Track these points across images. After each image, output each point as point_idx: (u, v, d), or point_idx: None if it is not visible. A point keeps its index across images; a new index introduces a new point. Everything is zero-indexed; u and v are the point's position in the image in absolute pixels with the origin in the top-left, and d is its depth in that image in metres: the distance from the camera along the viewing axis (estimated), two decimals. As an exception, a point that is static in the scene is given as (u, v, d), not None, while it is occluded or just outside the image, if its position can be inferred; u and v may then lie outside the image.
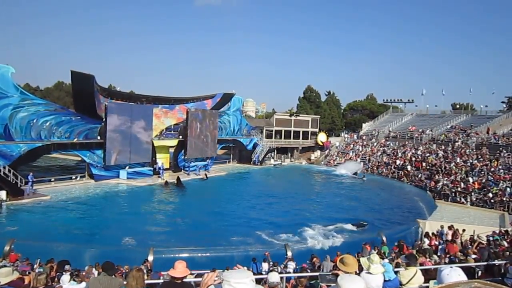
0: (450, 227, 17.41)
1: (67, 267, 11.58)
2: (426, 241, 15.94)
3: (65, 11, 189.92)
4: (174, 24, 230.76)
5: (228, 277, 2.65)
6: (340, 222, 22.80)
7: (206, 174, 38.75)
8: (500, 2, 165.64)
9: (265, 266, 13.36)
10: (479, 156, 37.66)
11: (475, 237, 14.07)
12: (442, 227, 17.74)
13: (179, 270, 4.57)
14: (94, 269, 11.45)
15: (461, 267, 3.78)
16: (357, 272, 4.58)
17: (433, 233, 17.21)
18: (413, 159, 43.54)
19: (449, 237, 16.33)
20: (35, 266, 11.48)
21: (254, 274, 6.20)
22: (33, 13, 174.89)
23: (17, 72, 26.78)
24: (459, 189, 31.43)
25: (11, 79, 26.22)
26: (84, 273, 11.30)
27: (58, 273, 10.78)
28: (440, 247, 14.42)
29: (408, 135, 51.21)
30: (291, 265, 13.09)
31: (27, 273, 9.70)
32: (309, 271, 11.27)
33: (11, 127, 26.20)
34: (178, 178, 33.85)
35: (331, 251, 14.90)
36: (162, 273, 10.73)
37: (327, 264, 12.14)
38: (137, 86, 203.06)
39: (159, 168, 35.40)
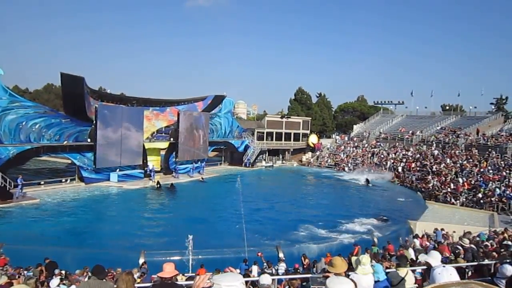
0: (442, 229, 17.56)
1: (56, 271, 11.47)
2: (417, 241, 16.04)
3: (54, 13, 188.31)
4: (164, 26, 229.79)
5: (219, 280, 2.65)
6: (335, 223, 22.94)
7: (202, 178, 38.60)
8: (489, 3, 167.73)
9: (255, 269, 13.32)
10: (469, 157, 38.05)
11: (464, 237, 14.17)
12: (436, 229, 17.87)
13: (167, 271, 4.60)
14: (84, 272, 11.35)
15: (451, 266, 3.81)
16: (346, 273, 4.62)
17: (424, 235, 17.33)
18: (404, 160, 43.91)
19: (449, 239, 16.45)
20: (21, 270, 11.35)
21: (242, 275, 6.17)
22: (22, 14, 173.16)
23: (6, 74, 26.57)
24: (449, 189, 31.72)
25: (0, 81, 25.96)
26: (74, 277, 11.21)
27: (48, 277, 10.68)
28: (430, 247, 14.50)
29: (399, 136, 51.58)
30: (282, 267, 13.09)
31: (16, 277, 9.60)
32: (300, 272, 11.29)
33: (0, 130, 25.91)
34: (172, 184, 33.70)
35: (327, 253, 14.83)
36: (153, 276, 10.68)
37: (321, 265, 12.16)
38: (127, 88, 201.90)
39: (150, 171, 35.23)
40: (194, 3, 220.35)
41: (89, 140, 31.41)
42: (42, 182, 29.72)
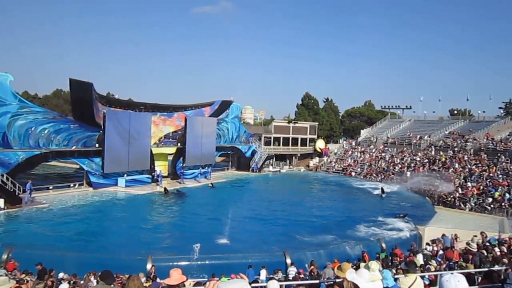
0: (455, 234, 17.42)
1: (64, 276, 11.51)
2: (428, 247, 15.94)
3: (63, 19, 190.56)
4: (172, 32, 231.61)
5: None
6: (342, 229, 22.85)
7: (211, 183, 38.54)
8: (496, 8, 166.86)
9: (262, 273, 13.31)
10: (478, 162, 37.71)
11: (474, 242, 14.04)
12: (444, 235, 17.72)
13: (175, 277, 4.57)
14: (92, 277, 11.39)
15: (459, 273, 3.78)
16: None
17: (433, 240, 17.18)
18: (412, 165, 43.66)
19: (455, 244, 16.32)
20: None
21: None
22: (32, 20, 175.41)
23: (16, 79, 26.86)
24: (457, 194, 31.43)
25: (10, 87, 26.25)
26: (82, 282, 11.24)
27: (58, 282, 10.73)
28: (440, 253, 14.39)
29: (406, 141, 51.30)
30: (293, 271, 13.07)
31: (25, 281, 9.65)
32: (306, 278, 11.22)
33: (9, 135, 26.17)
34: (178, 190, 33.86)
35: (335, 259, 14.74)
36: (160, 281, 10.69)
37: (328, 271, 12.09)
38: (135, 93, 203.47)
39: (158, 176, 35.33)
40: (200, 9, 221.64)
41: (97, 145, 31.61)
42: (51, 187, 29.91)
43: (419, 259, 12.66)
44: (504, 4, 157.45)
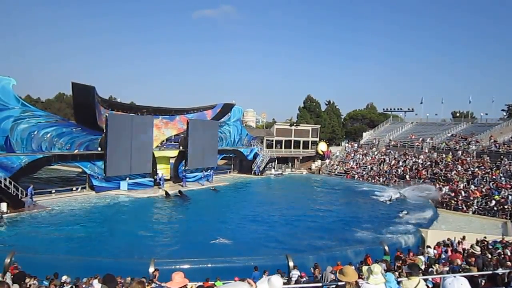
0: (464, 237, 17.37)
1: (67, 279, 11.50)
2: (431, 250, 15.85)
3: (65, 22, 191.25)
4: (173, 35, 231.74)
5: None
6: (345, 232, 22.80)
7: (214, 187, 38.41)
8: (499, 10, 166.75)
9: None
10: (480, 164, 37.61)
11: (474, 244, 13.97)
12: (452, 238, 17.65)
13: (176, 281, 4.57)
14: (96, 281, 11.37)
15: (462, 276, 3.77)
16: (357, 282, 4.58)
17: (438, 243, 17.10)
18: (414, 167, 43.56)
19: (459, 247, 16.24)
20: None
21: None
22: (34, 24, 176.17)
23: (18, 83, 26.95)
24: (460, 197, 31.35)
25: (12, 91, 26.32)
26: (84, 286, 11.23)
27: (61, 285, 10.72)
28: (443, 256, 14.33)
29: (409, 143, 51.21)
30: (295, 274, 13.03)
31: (28, 285, 9.65)
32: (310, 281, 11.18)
33: (12, 139, 26.23)
34: (180, 191, 33.89)
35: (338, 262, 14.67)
36: (163, 284, 10.66)
37: (328, 274, 12.05)
38: (137, 97, 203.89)
39: (160, 179, 35.35)
40: (201, 13, 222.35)
41: (99, 148, 31.66)
42: (53, 191, 29.95)
43: (422, 261, 12.60)
44: (506, 7, 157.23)
